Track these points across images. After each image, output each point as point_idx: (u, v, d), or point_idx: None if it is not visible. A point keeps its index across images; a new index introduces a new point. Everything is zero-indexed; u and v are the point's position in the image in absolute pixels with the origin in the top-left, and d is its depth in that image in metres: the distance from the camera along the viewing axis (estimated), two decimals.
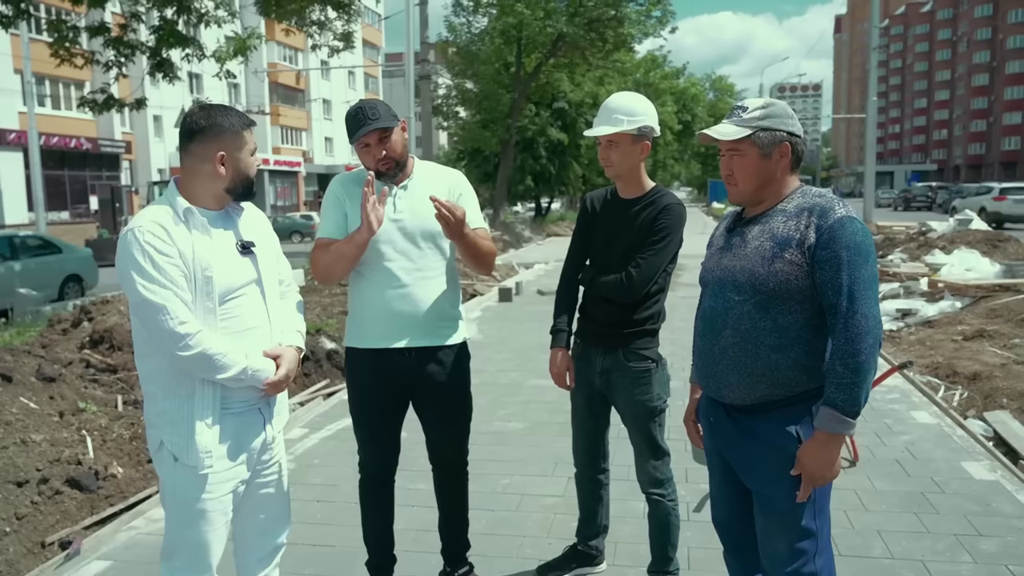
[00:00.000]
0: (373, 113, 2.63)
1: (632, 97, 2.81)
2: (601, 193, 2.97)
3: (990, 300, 8.58)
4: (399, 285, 2.68)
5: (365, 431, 2.87)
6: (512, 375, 6.65)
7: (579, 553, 3.16)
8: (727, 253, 2.14)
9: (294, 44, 44.69)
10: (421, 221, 2.70)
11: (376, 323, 2.72)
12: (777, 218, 2.05)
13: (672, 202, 2.77)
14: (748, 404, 2.07)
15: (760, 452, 2.06)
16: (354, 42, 13.54)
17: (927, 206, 42.78)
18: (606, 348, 2.84)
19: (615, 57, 25.88)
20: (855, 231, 1.93)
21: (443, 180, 2.83)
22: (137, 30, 11.35)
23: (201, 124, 2.16)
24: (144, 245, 2.04)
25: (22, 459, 3.76)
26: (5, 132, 27.17)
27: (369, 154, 2.66)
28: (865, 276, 1.92)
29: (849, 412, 1.91)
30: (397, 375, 2.74)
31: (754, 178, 2.08)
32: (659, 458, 2.87)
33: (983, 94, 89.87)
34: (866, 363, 1.90)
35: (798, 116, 2.31)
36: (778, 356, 2.01)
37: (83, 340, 5.89)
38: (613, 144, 2.75)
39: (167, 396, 2.14)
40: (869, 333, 1.90)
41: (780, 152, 2.06)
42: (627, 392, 2.82)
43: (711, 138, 2.10)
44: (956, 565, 3.17)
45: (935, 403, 5.47)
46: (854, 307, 1.90)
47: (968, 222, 14.58)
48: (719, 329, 2.10)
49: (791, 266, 1.97)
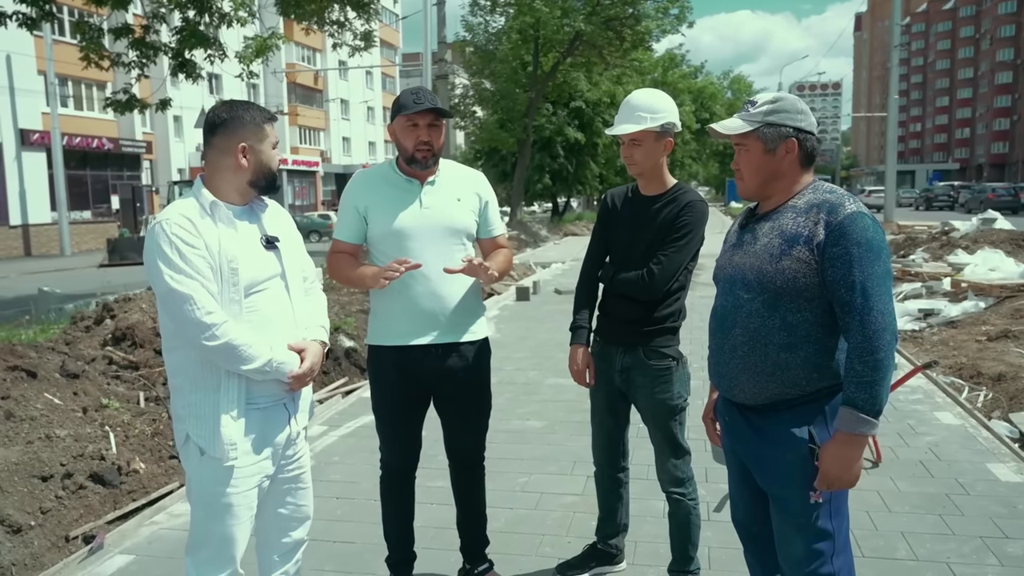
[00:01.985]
0: (433, 98, 2.67)
1: (654, 94, 2.79)
2: (622, 190, 2.95)
3: (1015, 300, 8.46)
4: (424, 282, 2.68)
5: (388, 428, 2.87)
6: (530, 374, 6.64)
7: (599, 552, 3.15)
8: (739, 250, 2.13)
9: (312, 44, 44.91)
10: (447, 218, 2.71)
11: (401, 320, 2.73)
12: (787, 215, 2.02)
13: (694, 199, 2.76)
14: (759, 404, 2.05)
15: (773, 453, 2.04)
16: (375, 41, 13.58)
17: (949, 205, 42.30)
18: (626, 346, 2.82)
19: (633, 56, 25.82)
20: (865, 227, 1.90)
21: (468, 181, 2.84)
22: (159, 31, 11.45)
23: (223, 117, 2.20)
24: (171, 237, 2.07)
25: (47, 454, 3.81)
26: (29, 133, 27.53)
27: (413, 134, 2.65)
28: (878, 272, 1.89)
29: (870, 411, 1.87)
30: (420, 371, 2.75)
31: (758, 173, 2.06)
32: (679, 457, 2.85)
33: (1007, 92, 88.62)
34: (885, 360, 1.87)
35: (817, 115, 2.29)
36: (787, 355, 1.98)
37: (105, 337, 5.96)
38: (636, 142, 2.73)
39: (194, 388, 2.15)
40: (886, 329, 1.87)
41: (786, 148, 2.02)
42: (647, 390, 2.80)
43: (718, 132, 2.10)
44: (982, 568, 3.12)
45: (959, 404, 5.39)
46: (869, 304, 1.86)
47: (992, 221, 14.38)
48: (729, 328, 2.09)
49: (799, 263, 1.94)
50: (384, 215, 2.70)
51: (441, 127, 2.69)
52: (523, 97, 25.22)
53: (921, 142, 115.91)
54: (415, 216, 2.68)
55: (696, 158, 48.31)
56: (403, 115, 2.65)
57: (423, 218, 2.69)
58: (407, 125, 2.66)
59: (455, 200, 2.74)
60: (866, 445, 1.98)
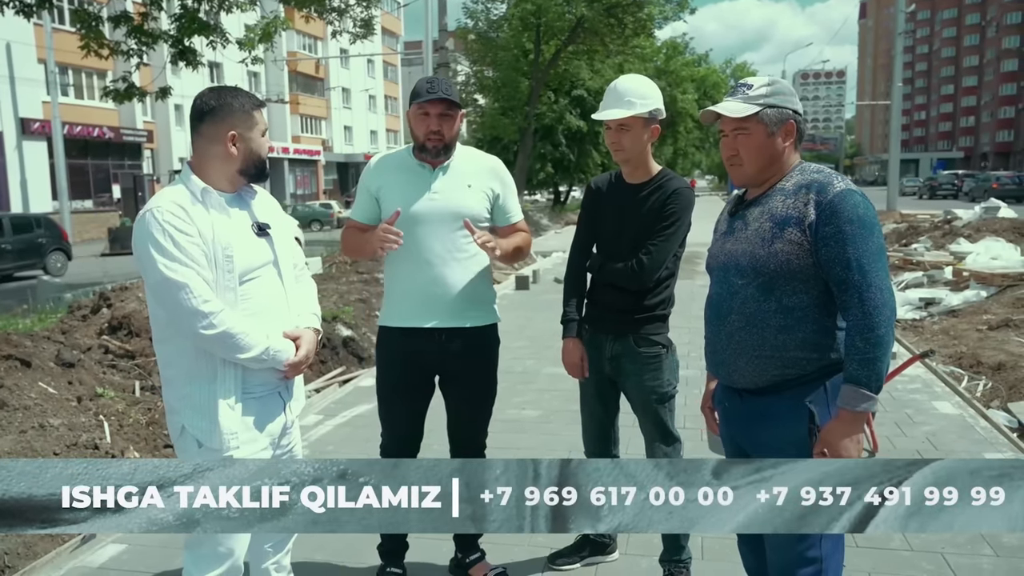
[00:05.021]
0: (447, 88, 2.65)
1: (640, 80, 2.78)
2: (606, 178, 2.92)
3: (1016, 289, 8.41)
4: (432, 266, 2.68)
5: (388, 409, 2.88)
6: (528, 363, 6.63)
7: (591, 542, 3.14)
8: (730, 238, 2.11)
9: (313, 32, 44.73)
10: (456, 204, 2.69)
11: (408, 302, 2.73)
12: (776, 198, 2.00)
13: (680, 186, 2.74)
14: (759, 386, 2.04)
15: (773, 434, 2.03)
16: (375, 28, 13.50)
17: (953, 194, 42.10)
18: (616, 334, 2.81)
19: (635, 43, 25.64)
20: (856, 204, 1.89)
21: (483, 167, 2.81)
22: (158, 18, 11.38)
23: (211, 104, 2.15)
24: (164, 224, 2.03)
25: (40, 443, 3.81)
26: (29, 122, 27.48)
27: (424, 123, 2.64)
28: (872, 248, 1.87)
29: (873, 387, 1.87)
30: (425, 355, 2.75)
31: (759, 158, 2.02)
32: (669, 444, 2.84)
33: (1012, 80, 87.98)
34: (886, 336, 1.86)
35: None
36: (785, 337, 1.97)
37: (102, 326, 5.95)
38: (625, 128, 2.69)
39: (189, 380, 2.12)
40: (885, 305, 1.86)
41: (786, 130, 2.01)
42: (637, 377, 2.79)
43: (716, 115, 2.04)
44: (977, 558, 3.11)
45: (958, 393, 5.37)
46: (867, 280, 1.86)
47: (996, 210, 14.30)
48: (725, 315, 2.08)
49: (791, 246, 1.93)
50: (394, 198, 2.69)
51: (454, 117, 2.66)
52: (525, 85, 25.11)
53: (925, 130, 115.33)
54: (423, 201, 2.67)
55: (699, 147, 48.10)
56: (416, 103, 2.64)
57: (431, 203, 2.68)
58: (419, 113, 2.65)
59: (465, 186, 2.71)
60: (866, 421, 1.98)
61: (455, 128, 2.69)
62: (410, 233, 2.64)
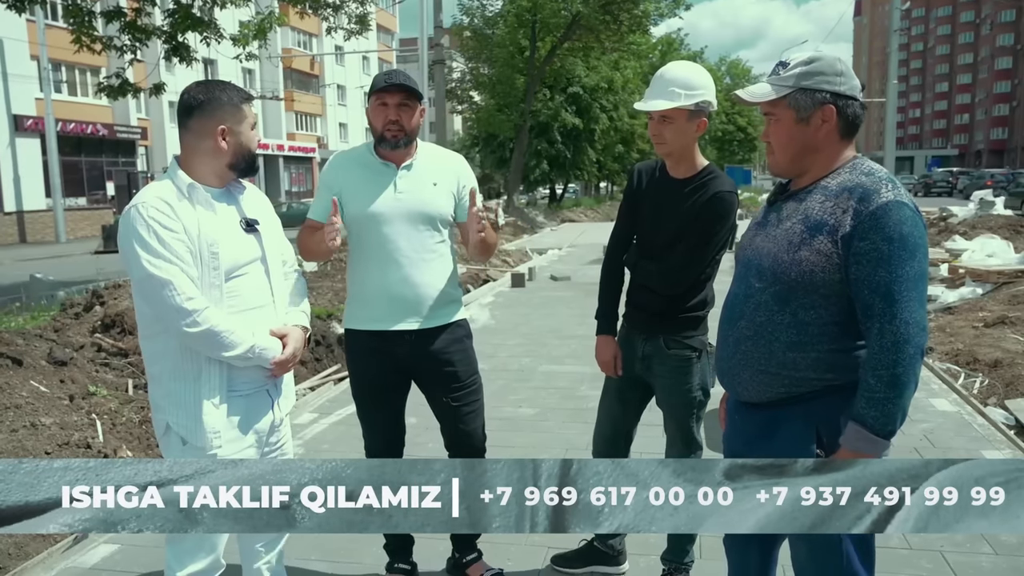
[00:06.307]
0: (405, 78, 2.59)
1: (690, 68, 2.56)
2: (650, 166, 2.74)
3: (1012, 286, 8.43)
4: (399, 267, 2.62)
5: (365, 413, 2.84)
6: (524, 361, 6.60)
7: (596, 552, 3.03)
8: (761, 231, 1.89)
9: (308, 29, 44.60)
10: (423, 203, 2.63)
11: (376, 304, 2.67)
12: (816, 197, 1.78)
13: (721, 189, 2.55)
14: (764, 401, 1.87)
15: (778, 451, 1.85)
16: (370, 24, 13.43)
17: (947, 192, 42.23)
18: (648, 334, 2.68)
19: (630, 40, 25.66)
20: (902, 220, 1.64)
21: (448, 165, 2.74)
22: (152, 14, 11.31)
23: (200, 99, 2.11)
24: (148, 220, 2.00)
25: (31, 442, 3.77)
26: (22, 118, 27.31)
27: (382, 113, 2.58)
28: (909, 274, 1.63)
29: (880, 431, 1.67)
30: (396, 357, 2.70)
31: (789, 146, 1.81)
32: (692, 452, 2.74)
33: (1007, 77, 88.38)
34: (904, 376, 1.64)
35: None
36: (795, 355, 1.78)
37: (95, 324, 5.90)
38: (667, 120, 2.50)
39: (174, 377, 2.10)
40: (909, 342, 1.63)
41: (822, 116, 1.76)
42: (666, 380, 2.69)
43: (744, 100, 1.85)
44: (976, 556, 3.09)
45: (955, 390, 5.36)
46: (893, 310, 1.63)
47: (991, 206, 14.33)
48: (736, 319, 1.89)
49: (818, 256, 1.71)
50: (358, 199, 2.62)
51: (414, 108, 2.59)
52: (520, 82, 25.09)
53: (920, 128, 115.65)
54: (389, 201, 2.61)
55: None
56: (373, 93, 2.59)
57: (397, 203, 2.62)
58: (377, 104, 2.59)
59: (431, 185, 2.65)
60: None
61: (414, 120, 2.60)
62: (376, 233, 2.59)
